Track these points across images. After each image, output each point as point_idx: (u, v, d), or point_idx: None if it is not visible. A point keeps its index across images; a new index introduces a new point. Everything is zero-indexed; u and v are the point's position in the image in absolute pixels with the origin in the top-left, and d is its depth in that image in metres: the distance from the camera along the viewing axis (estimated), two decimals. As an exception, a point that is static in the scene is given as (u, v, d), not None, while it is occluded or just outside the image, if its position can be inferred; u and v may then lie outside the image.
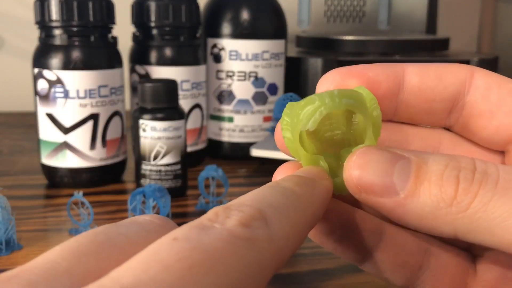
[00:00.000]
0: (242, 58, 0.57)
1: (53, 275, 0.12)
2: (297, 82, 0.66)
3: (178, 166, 0.46)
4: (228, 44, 0.57)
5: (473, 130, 0.19)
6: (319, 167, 0.18)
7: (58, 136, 0.48)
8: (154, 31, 0.54)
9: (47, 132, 0.49)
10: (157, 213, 0.40)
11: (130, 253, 0.13)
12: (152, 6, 0.53)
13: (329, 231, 0.19)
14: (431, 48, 0.75)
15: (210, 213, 0.13)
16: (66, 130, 0.48)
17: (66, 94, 0.47)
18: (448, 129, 0.20)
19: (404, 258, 0.19)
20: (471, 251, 0.20)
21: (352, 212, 0.19)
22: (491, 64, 0.70)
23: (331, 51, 0.72)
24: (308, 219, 0.15)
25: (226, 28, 0.57)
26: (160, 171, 0.46)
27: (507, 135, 0.18)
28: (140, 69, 0.55)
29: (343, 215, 0.19)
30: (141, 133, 0.46)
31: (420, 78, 0.18)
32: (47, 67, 0.47)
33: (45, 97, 0.48)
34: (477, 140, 0.19)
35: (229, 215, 0.13)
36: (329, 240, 0.19)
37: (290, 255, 0.14)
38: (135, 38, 0.56)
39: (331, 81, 0.18)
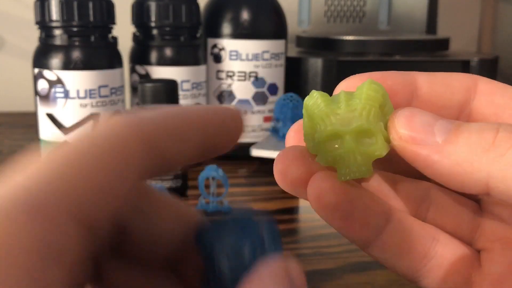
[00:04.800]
0: (242, 58, 0.57)
1: None
2: (297, 82, 0.66)
3: (178, 166, 0.46)
4: (228, 44, 0.57)
5: None
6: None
7: (58, 136, 0.48)
8: (154, 31, 0.54)
9: (47, 132, 0.49)
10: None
11: None
12: (152, 6, 0.53)
13: (335, 206, 0.19)
14: (431, 48, 0.75)
15: None
16: (66, 130, 0.48)
17: (66, 94, 0.47)
18: None
19: (410, 244, 0.19)
20: (475, 244, 0.20)
21: (361, 191, 0.19)
22: (491, 64, 0.70)
23: (331, 51, 0.72)
24: None
25: (226, 28, 0.57)
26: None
27: None
28: (140, 69, 0.55)
29: (352, 192, 0.19)
30: (141, 133, 0.46)
31: (430, 86, 0.19)
32: (47, 67, 0.47)
33: (45, 97, 0.48)
34: None
35: None
36: (334, 216, 0.19)
37: None
38: (135, 38, 0.56)
39: (352, 87, 0.19)
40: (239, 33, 0.57)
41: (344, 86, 0.20)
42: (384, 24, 0.89)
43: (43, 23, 0.47)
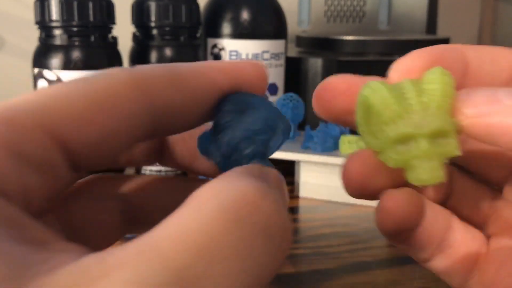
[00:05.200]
0: (242, 58, 0.57)
1: None
2: (297, 82, 0.66)
3: (178, 166, 0.47)
4: (228, 44, 0.57)
5: None
6: None
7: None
8: (154, 31, 0.54)
9: (47, 132, 0.49)
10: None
11: None
12: (152, 6, 0.53)
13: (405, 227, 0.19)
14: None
15: None
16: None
17: (66, 94, 0.47)
18: None
19: (432, 234, 0.19)
20: (486, 230, 0.21)
21: (428, 207, 0.19)
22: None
23: (331, 51, 0.72)
24: None
25: (226, 28, 0.57)
26: (160, 171, 0.46)
27: None
28: (140, 69, 0.55)
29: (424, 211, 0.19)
30: (141, 133, 0.46)
31: (479, 63, 0.18)
32: (47, 67, 0.47)
33: (45, 97, 0.48)
34: None
35: None
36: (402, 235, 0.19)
37: None
38: (135, 38, 0.56)
39: (413, 71, 0.18)
40: (239, 33, 0.57)
41: (403, 69, 0.18)
42: (384, 24, 0.89)
43: (43, 23, 0.47)
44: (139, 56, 0.55)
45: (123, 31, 0.56)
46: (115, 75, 0.16)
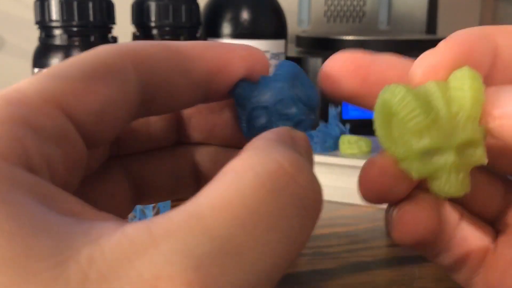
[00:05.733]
0: (242, 58, 0.57)
1: None
2: (297, 82, 0.66)
3: (178, 166, 0.46)
4: (228, 44, 0.57)
5: None
6: None
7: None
8: (154, 31, 0.54)
9: (47, 132, 0.49)
10: (157, 213, 0.40)
11: None
12: (152, 6, 0.53)
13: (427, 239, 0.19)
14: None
15: None
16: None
17: (66, 94, 0.48)
18: None
19: (443, 233, 0.19)
20: (495, 226, 0.20)
21: (448, 216, 0.19)
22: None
23: (331, 51, 0.72)
24: None
25: (226, 28, 0.57)
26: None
27: None
28: (140, 69, 0.55)
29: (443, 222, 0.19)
30: (141, 133, 0.46)
31: (509, 51, 0.17)
32: (47, 67, 0.47)
33: (45, 97, 0.48)
34: None
35: None
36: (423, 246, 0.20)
37: None
38: (135, 38, 0.56)
39: (438, 72, 0.17)
40: (239, 33, 0.57)
41: (428, 65, 0.17)
42: (384, 24, 0.89)
43: (43, 23, 0.47)
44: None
45: (123, 31, 0.56)
46: (109, 48, 0.16)
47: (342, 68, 0.19)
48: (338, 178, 0.48)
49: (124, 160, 0.21)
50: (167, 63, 0.17)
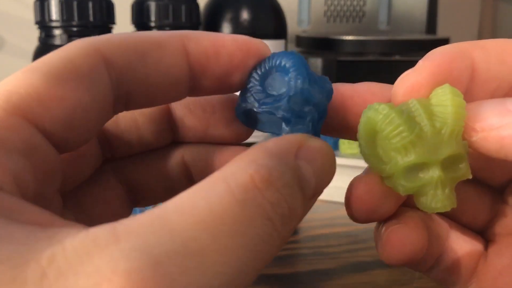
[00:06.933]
0: (242, 58, 0.57)
1: None
2: (297, 82, 0.66)
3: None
4: (228, 44, 0.57)
5: None
6: None
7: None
8: (154, 31, 0.54)
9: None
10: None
11: None
12: (152, 6, 0.53)
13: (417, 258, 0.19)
14: (431, 48, 0.74)
15: None
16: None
17: (66, 94, 0.47)
18: None
19: (432, 249, 0.19)
20: (485, 235, 0.20)
21: (436, 235, 0.19)
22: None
23: (331, 51, 0.72)
24: None
25: (226, 28, 0.57)
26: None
27: None
28: (140, 69, 0.55)
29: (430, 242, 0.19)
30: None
31: (486, 66, 0.17)
32: (47, 67, 0.47)
33: (45, 97, 0.48)
34: None
35: None
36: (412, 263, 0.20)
37: None
38: (135, 38, 0.56)
39: (419, 84, 0.17)
40: (239, 33, 0.57)
41: (409, 85, 0.17)
42: (384, 24, 0.89)
43: (43, 23, 0.47)
44: (139, 56, 0.55)
45: (123, 31, 0.56)
46: (79, 45, 0.16)
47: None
48: (338, 178, 0.48)
49: (117, 164, 0.21)
50: (142, 57, 0.16)
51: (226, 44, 0.18)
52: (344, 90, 0.18)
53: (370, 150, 0.17)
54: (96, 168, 0.20)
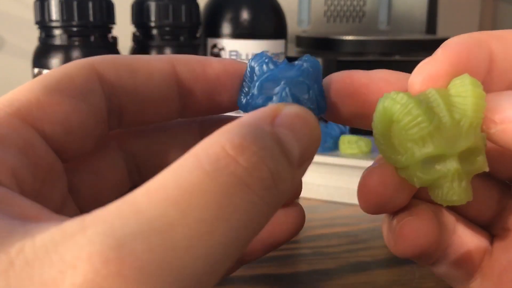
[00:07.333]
0: (242, 58, 0.57)
1: None
2: (297, 82, 0.66)
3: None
4: (228, 44, 0.57)
5: None
6: None
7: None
8: (154, 31, 0.54)
9: (47, 132, 0.49)
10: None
11: None
12: (152, 6, 0.53)
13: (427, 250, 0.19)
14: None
15: None
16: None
17: (66, 94, 0.47)
18: None
19: (439, 243, 0.19)
20: (490, 230, 0.20)
21: (446, 226, 0.19)
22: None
23: (331, 51, 0.72)
24: None
25: (226, 28, 0.57)
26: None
27: None
28: (140, 69, 0.55)
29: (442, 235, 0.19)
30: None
31: (504, 56, 0.17)
32: (47, 67, 0.47)
33: (45, 97, 0.48)
34: None
35: None
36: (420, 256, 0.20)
37: None
38: (135, 38, 0.56)
39: (436, 80, 0.17)
40: (239, 33, 0.57)
41: (427, 74, 0.17)
42: (384, 24, 0.89)
43: (43, 23, 0.47)
44: (139, 56, 0.55)
45: (123, 31, 0.56)
46: (76, 62, 0.17)
47: (342, 91, 0.18)
48: (338, 178, 0.48)
49: (123, 138, 0.21)
50: (132, 73, 0.18)
51: (213, 66, 0.19)
52: (359, 77, 0.18)
53: (385, 140, 0.16)
54: (100, 141, 0.19)
